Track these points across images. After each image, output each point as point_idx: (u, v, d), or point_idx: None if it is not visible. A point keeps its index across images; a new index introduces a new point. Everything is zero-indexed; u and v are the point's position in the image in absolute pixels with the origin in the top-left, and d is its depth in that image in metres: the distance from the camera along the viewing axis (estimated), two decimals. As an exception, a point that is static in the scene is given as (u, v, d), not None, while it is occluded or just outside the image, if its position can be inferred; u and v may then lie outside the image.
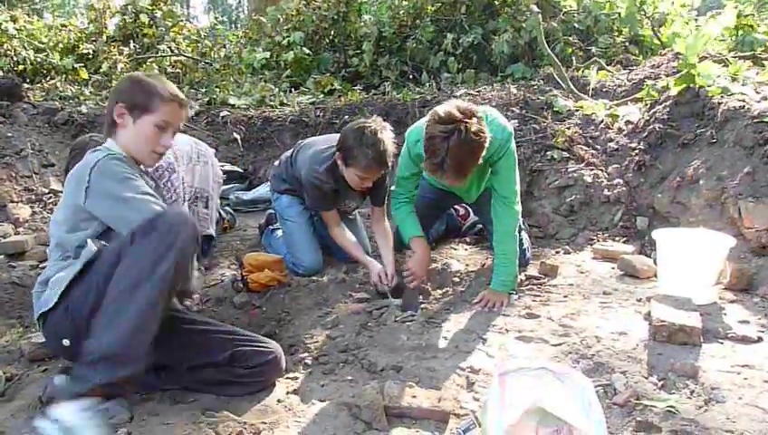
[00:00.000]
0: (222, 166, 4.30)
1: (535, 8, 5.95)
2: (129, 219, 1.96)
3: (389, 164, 3.19)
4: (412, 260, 3.06)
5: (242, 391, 2.12)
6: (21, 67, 7.41)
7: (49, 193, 4.88)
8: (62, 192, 4.79)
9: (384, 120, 3.35)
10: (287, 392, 2.18)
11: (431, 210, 3.55)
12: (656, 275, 3.08)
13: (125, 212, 2.00)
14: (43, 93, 6.56)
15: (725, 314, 2.69)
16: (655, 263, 3.11)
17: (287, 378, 2.29)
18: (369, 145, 3.07)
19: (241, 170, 5.68)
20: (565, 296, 3.00)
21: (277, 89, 7.04)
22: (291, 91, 7.07)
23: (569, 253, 3.68)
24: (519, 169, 4.29)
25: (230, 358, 2.12)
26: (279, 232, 3.82)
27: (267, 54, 7.90)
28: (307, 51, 7.71)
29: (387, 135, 3.13)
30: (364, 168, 3.14)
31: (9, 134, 5.12)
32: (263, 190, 5.20)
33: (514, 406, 1.69)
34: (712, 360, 2.28)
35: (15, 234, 4.32)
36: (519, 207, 2.99)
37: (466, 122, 2.50)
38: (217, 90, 7.08)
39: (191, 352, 2.07)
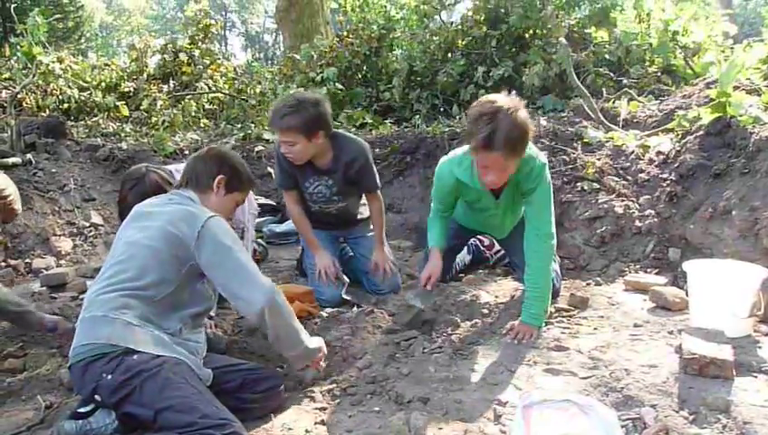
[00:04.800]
0: (256, 199, 4.41)
1: (564, 41, 5.99)
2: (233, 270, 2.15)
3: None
4: (425, 268, 3.20)
5: (244, 417, 2.11)
6: (66, 105, 7.72)
7: (90, 227, 5.05)
8: (101, 225, 5.03)
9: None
10: (315, 423, 2.21)
11: (451, 242, 3.58)
12: (688, 307, 3.04)
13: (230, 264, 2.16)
14: (86, 130, 6.83)
15: (760, 348, 2.64)
16: (687, 294, 3.07)
17: (315, 408, 2.33)
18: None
19: (274, 203, 5.79)
20: (595, 329, 2.97)
21: (310, 123, 7.17)
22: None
23: (600, 284, 3.65)
24: (548, 201, 4.36)
25: (239, 385, 2.24)
26: None
27: (301, 90, 8.08)
28: (340, 86, 7.87)
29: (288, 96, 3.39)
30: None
31: (54, 170, 5.34)
32: (295, 223, 5.29)
33: (539, 438, 1.70)
34: (745, 394, 2.24)
35: (57, 266, 4.48)
36: (553, 240, 2.98)
37: (515, 105, 2.63)
38: (252, 125, 7.27)
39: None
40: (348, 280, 3.68)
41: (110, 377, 1.98)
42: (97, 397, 2.04)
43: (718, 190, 3.71)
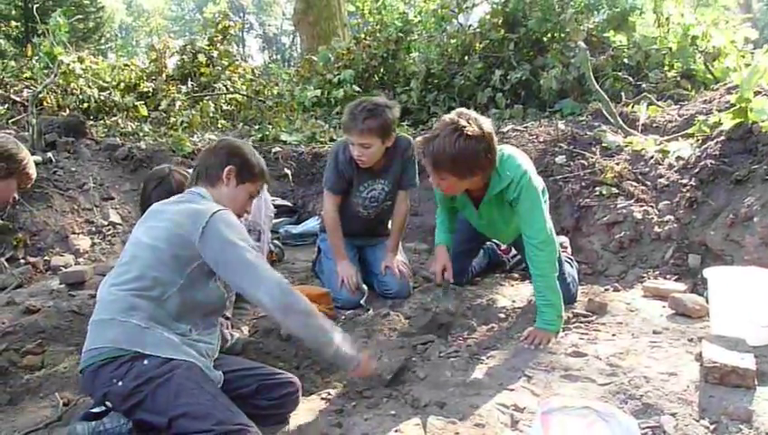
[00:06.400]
0: (273, 200, 4.41)
1: (583, 44, 5.95)
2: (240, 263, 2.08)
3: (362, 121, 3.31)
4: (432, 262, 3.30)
5: (258, 422, 2.06)
6: (86, 105, 7.78)
7: (108, 225, 5.09)
8: (120, 224, 5.07)
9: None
10: (331, 425, 2.20)
11: (465, 245, 3.65)
12: (708, 315, 3.00)
13: (235, 257, 2.09)
14: (105, 130, 6.87)
15: (782, 357, 2.60)
16: (707, 302, 3.03)
17: (331, 411, 2.32)
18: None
19: (291, 205, 5.80)
20: (613, 335, 2.94)
21: (327, 125, 7.20)
22: (340, 128, 7.21)
23: (618, 290, 3.62)
24: (567, 205, 4.34)
25: (254, 391, 2.20)
26: None
27: (318, 92, 8.10)
28: (357, 88, 7.88)
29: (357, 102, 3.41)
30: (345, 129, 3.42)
31: (73, 169, 5.39)
32: (311, 224, 5.30)
33: (558, 446, 1.68)
34: (767, 404, 2.20)
35: (76, 264, 4.52)
36: (552, 247, 2.94)
37: (465, 126, 2.65)
38: (270, 126, 7.30)
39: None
40: (366, 289, 3.67)
41: (120, 383, 1.96)
42: (108, 403, 2.03)
43: (739, 196, 3.66)
